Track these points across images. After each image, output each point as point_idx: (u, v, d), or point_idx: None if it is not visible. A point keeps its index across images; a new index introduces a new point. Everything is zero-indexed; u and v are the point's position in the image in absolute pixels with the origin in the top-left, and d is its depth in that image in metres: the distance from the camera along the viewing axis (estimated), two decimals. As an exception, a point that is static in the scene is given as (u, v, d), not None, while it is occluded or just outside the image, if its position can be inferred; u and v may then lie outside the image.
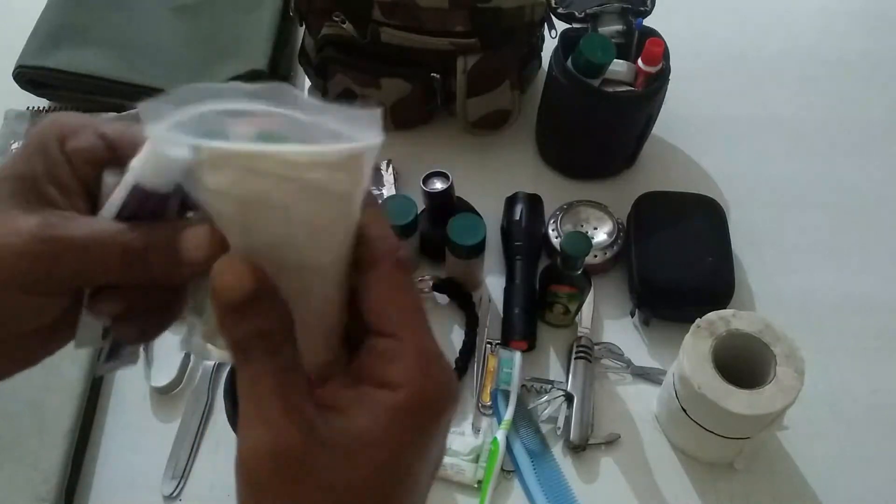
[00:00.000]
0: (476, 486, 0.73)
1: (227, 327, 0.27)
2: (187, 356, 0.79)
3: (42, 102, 0.99)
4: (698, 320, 0.69)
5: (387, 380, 0.28)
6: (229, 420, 0.60)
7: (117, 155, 0.31)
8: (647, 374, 0.80)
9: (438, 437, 0.30)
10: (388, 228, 0.31)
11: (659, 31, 0.85)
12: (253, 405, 0.27)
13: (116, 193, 0.31)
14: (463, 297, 0.83)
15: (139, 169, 0.30)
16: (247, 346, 0.27)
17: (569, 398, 0.76)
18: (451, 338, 0.82)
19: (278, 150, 0.27)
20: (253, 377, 0.27)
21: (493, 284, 0.86)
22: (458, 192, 0.84)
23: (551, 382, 0.78)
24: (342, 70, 0.90)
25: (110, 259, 0.29)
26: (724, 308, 0.71)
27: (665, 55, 0.83)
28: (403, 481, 0.28)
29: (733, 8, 1.13)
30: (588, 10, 0.85)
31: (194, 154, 0.27)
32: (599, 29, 0.85)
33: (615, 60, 0.82)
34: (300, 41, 1.00)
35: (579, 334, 0.81)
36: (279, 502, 0.27)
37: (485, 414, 0.77)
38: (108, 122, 0.31)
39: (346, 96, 0.93)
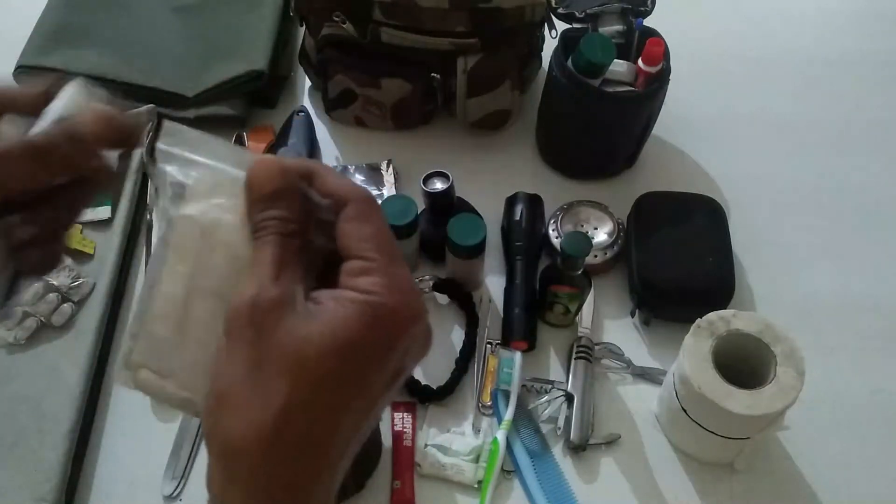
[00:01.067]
0: (476, 486, 0.73)
1: (252, 212, 0.33)
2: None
3: (42, 102, 0.99)
4: (698, 320, 0.69)
5: (358, 288, 0.32)
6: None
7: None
8: (647, 374, 0.80)
9: (396, 349, 0.32)
10: (342, 178, 0.36)
11: (659, 31, 0.85)
12: (253, 268, 0.32)
13: (38, 126, 0.35)
14: (463, 297, 0.83)
15: (63, 107, 0.34)
16: (264, 226, 0.32)
17: (569, 398, 0.76)
18: (452, 338, 0.82)
19: (238, 175, 0.33)
20: (260, 247, 0.32)
21: (494, 284, 0.86)
22: (459, 193, 0.84)
23: (551, 382, 0.78)
24: (342, 70, 0.90)
25: (23, 162, 0.34)
26: (725, 308, 0.71)
27: (665, 55, 0.83)
28: (348, 372, 0.31)
29: (733, 8, 1.13)
30: (588, 10, 0.85)
31: (172, 188, 0.33)
32: (600, 29, 0.85)
33: (615, 60, 0.82)
34: (300, 41, 1.00)
35: (579, 334, 0.81)
36: (243, 346, 0.31)
37: (485, 414, 0.77)
38: None
39: (347, 96, 0.93)
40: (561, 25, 0.87)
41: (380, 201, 0.83)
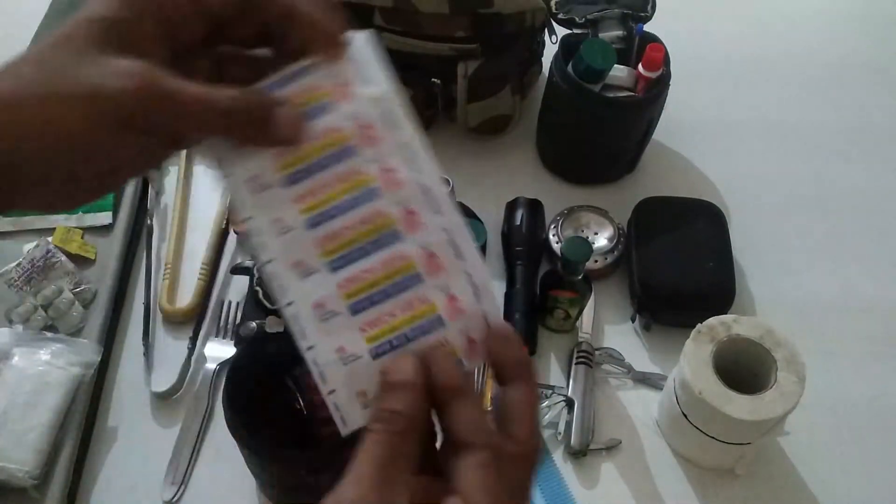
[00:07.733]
0: (477, 491, 0.73)
1: (379, 399, 0.33)
2: (188, 361, 0.79)
3: (43, 107, 0.99)
4: (699, 325, 0.69)
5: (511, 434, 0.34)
6: (229, 426, 0.60)
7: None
8: (647, 379, 0.79)
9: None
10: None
11: (659, 37, 0.85)
12: (356, 463, 0.31)
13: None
14: (463, 302, 0.83)
15: None
16: (379, 418, 0.32)
17: (569, 403, 0.76)
18: (452, 343, 0.82)
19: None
20: (367, 443, 0.32)
21: (494, 289, 0.85)
22: (459, 198, 0.84)
23: (552, 388, 0.78)
24: (343, 75, 0.90)
25: (208, 120, 0.32)
26: (725, 313, 0.71)
27: (665, 60, 0.83)
28: None
29: (734, 13, 1.14)
30: (588, 16, 0.86)
31: None
32: (600, 34, 0.85)
33: (616, 66, 0.82)
34: (301, 46, 1.00)
35: (580, 339, 0.81)
36: None
37: (485, 419, 0.77)
38: None
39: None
40: (561, 31, 0.87)
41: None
